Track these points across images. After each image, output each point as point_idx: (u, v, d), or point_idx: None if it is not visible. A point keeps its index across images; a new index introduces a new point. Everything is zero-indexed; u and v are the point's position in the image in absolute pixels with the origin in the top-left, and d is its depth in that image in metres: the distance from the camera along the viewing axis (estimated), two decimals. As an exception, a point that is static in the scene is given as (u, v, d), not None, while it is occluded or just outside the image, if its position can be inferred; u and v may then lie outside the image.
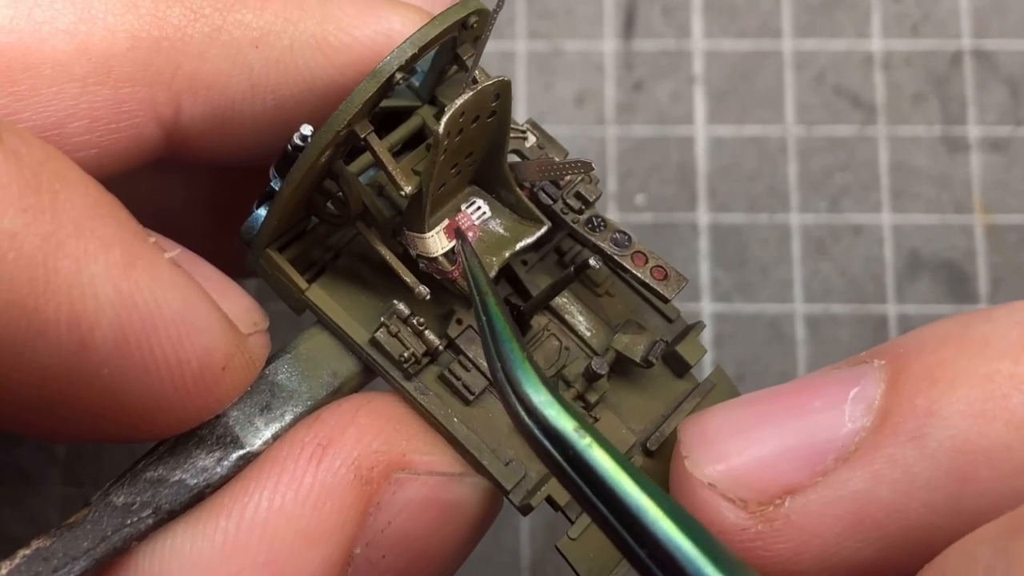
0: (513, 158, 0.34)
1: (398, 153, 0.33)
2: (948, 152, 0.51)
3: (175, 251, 0.28)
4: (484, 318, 0.28)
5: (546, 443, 0.25)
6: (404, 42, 0.29)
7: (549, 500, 0.31)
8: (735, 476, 0.29)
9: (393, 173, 0.30)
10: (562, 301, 0.34)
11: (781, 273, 0.50)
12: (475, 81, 0.31)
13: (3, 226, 0.24)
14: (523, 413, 0.25)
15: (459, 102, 0.29)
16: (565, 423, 0.25)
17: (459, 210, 0.33)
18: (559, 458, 0.25)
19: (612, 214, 0.51)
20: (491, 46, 0.33)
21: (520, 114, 0.34)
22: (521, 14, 0.53)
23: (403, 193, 0.30)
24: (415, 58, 0.30)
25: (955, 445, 0.27)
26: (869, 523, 0.27)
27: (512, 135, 0.33)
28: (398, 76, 0.29)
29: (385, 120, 0.33)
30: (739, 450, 0.29)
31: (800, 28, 0.53)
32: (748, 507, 0.28)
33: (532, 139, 0.35)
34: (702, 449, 0.29)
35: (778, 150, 0.51)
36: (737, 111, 0.52)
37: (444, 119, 0.29)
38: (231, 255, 0.34)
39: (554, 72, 0.52)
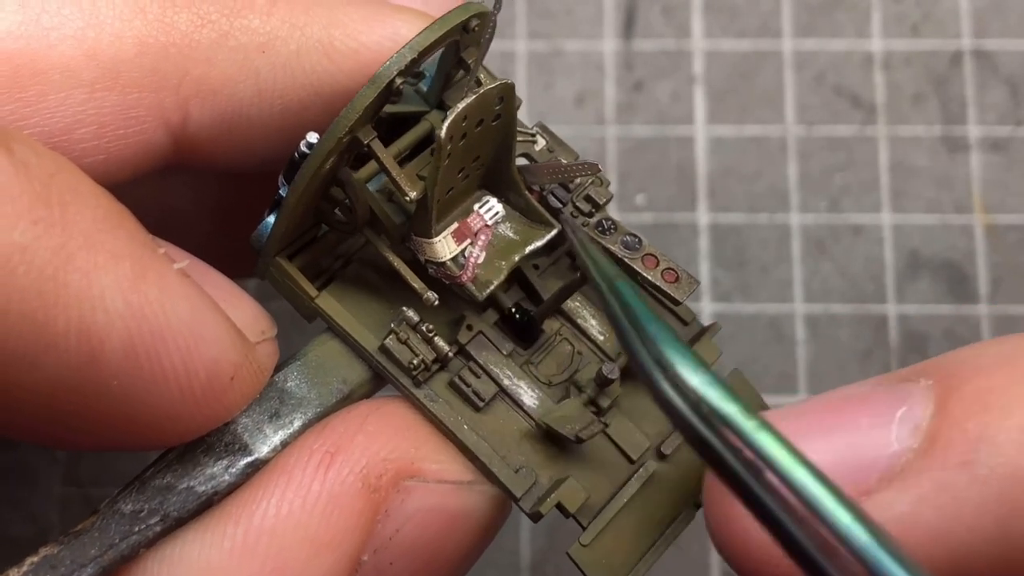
0: (522, 161, 0.34)
1: (408, 158, 0.33)
2: (948, 152, 0.51)
3: (184, 262, 0.28)
4: (616, 301, 0.26)
5: (703, 429, 0.23)
6: (403, 47, 0.29)
7: (559, 507, 0.31)
8: None
9: (397, 179, 0.30)
10: (574, 305, 0.34)
11: (781, 273, 0.50)
12: (479, 84, 0.31)
13: (13, 239, 0.24)
14: (676, 398, 0.23)
15: (460, 106, 0.29)
16: (730, 406, 0.23)
17: (471, 212, 0.32)
18: (718, 445, 0.23)
19: (612, 214, 0.51)
20: (491, 46, 0.33)
21: (520, 114, 0.33)
22: (521, 14, 0.53)
23: (407, 199, 0.30)
24: (415, 63, 0.29)
25: (1007, 472, 0.26)
26: (913, 547, 0.27)
27: (521, 138, 0.33)
28: (399, 81, 0.29)
29: (395, 126, 0.33)
30: None
31: (800, 28, 0.53)
32: None
33: (542, 142, 0.35)
34: None
35: (778, 150, 0.51)
36: (737, 111, 0.52)
37: (446, 124, 0.29)
38: (236, 257, 0.34)
39: (554, 72, 0.52)
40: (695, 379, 0.23)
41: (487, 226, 0.32)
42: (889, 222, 0.51)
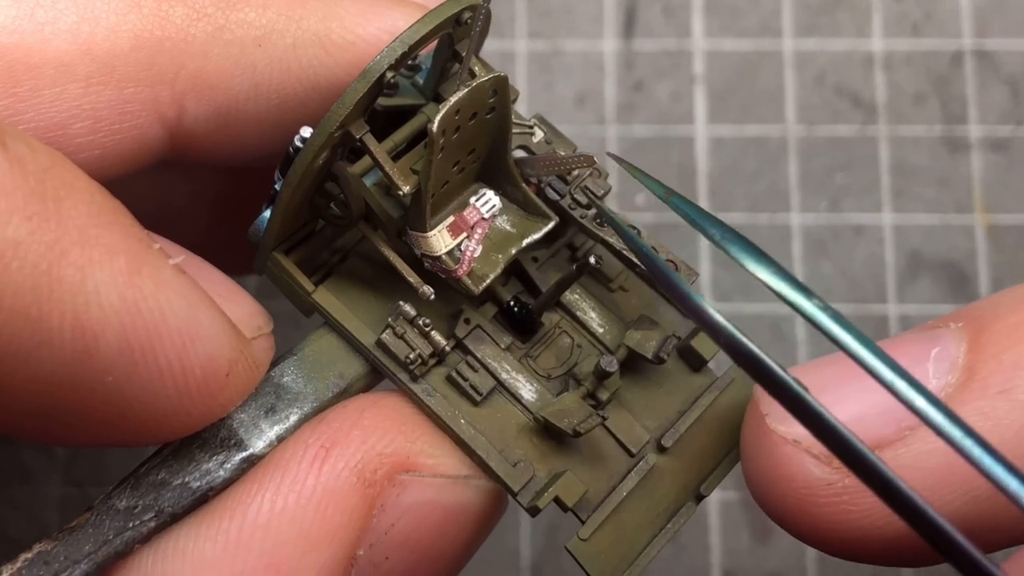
0: (520, 154, 0.34)
1: (404, 151, 0.33)
2: (949, 152, 0.51)
3: (180, 257, 0.28)
4: (649, 259, 0.29)
5: (728, 327, 0.26)
6: (394, 40, 0.29)
7: (557, 501, 0.31)
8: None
9: (390, 173, 0.30)
10: (574, 297, 0.34)
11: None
12: (472, 76, 0.31)
13: (7, 235, 0.24)
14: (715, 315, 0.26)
15: (452, 100, 0.29)
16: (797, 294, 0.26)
17: (467, 205, 0.32)
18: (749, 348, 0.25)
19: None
20: (491, 46, 0.33)
21: (520, 114, 0.33)
22: (521, 14, 0.53)
23: (401, 192, 0.30)
24: (406, 56, 0.29)
25: None
26: (957, 476, 0.28)
27: (519, 131, 0.33)
28: (390, 75, 0.29)
29: (392, 119, 0.33)
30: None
31: (801, 28, 0.53)
32: (833, 462, 0.29)
33: (540, 134, 0.34)
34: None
35: (778, 150, 0.51)
36: (737, 111, 0.52)
37: (437, 117, 0.29)
38: (234, 252, 0.34)
39: (554, 72, 0.52)
40: (763, 272, 0.27)
41: (483, 219, 0.32)
42: (890, 222, 0.51)
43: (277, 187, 0.31)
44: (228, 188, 0.38)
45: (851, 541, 0.29)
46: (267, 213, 0.32)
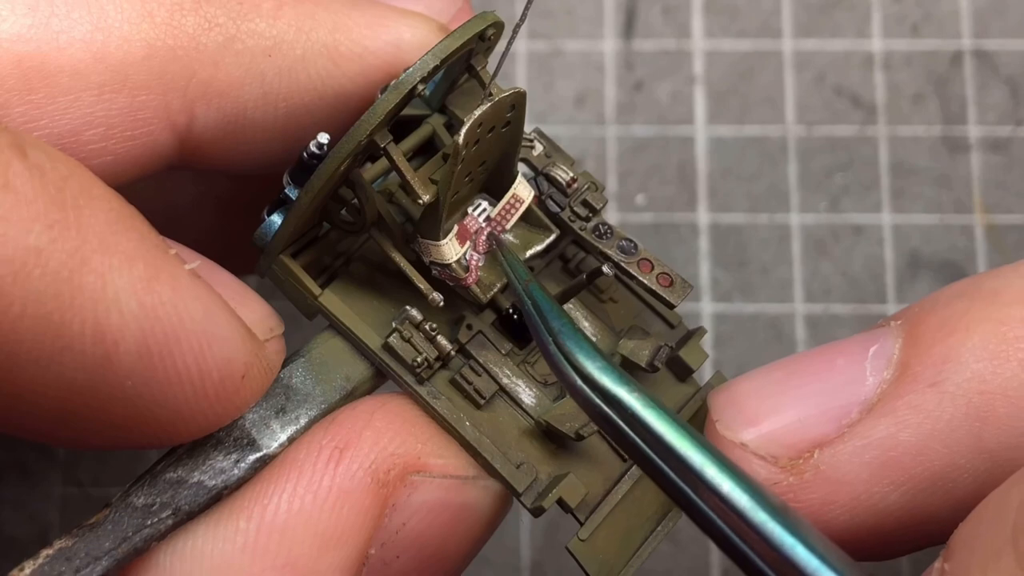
0: (521, 167, 0.34)
1: (408, 161, 0.33)
2: (948, 152, 0.52)
3: (196, 262, 0.29)
4: (530, 300, 0.30)
5: (603, 406, 0.27)
6: (427, 54, 0.30)
7: (560, 502, 0.31)
8: (765, 435, 0.30)
9: (412, 182, 0.30)
10: (568, 307, 0.35)
11: (781, 273, 0.50)
12: (491, 93, 0.32)
13: (29, 242, 0.24)
14: (579, 381, 0.27)
15: (477, 113, 0.29)
16: (621, 388, 0.27)
17: (466, 215, 0.33)
18: (616, 419, 0.26)
19: (612, 214, 0.51)
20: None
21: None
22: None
23: (421, 202, 0.31)
24: (437, 69, 0.30)
25: (972, 387, 0.29)
26: (895, 467, 0.29)
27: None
28: (421, 88, 0.30)
29: (394, 128, 0.33)
30: (768, 411, 0.31)
31: (800, 28, 0.53)
32: (779, 462, 0.30)
33: (539, 147, 0.35)
34: (732, 413, 0.31)
35: (778, 150, 0.51)
36: (737, 111, 0.52)
37: (464, 130, 0.29)
38: (234, 252, 0.34)
39: (554, 72, 0.52)
40: (594, 365, 0.27)
41: (482, 227, 0.33)
42: (889, 222, 0.51)
43: (288, 192, 0.32)
44: (232, 190, 0.38)
45: None
46: (274, 218, 0.32)
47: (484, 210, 0.33)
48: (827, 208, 0.51)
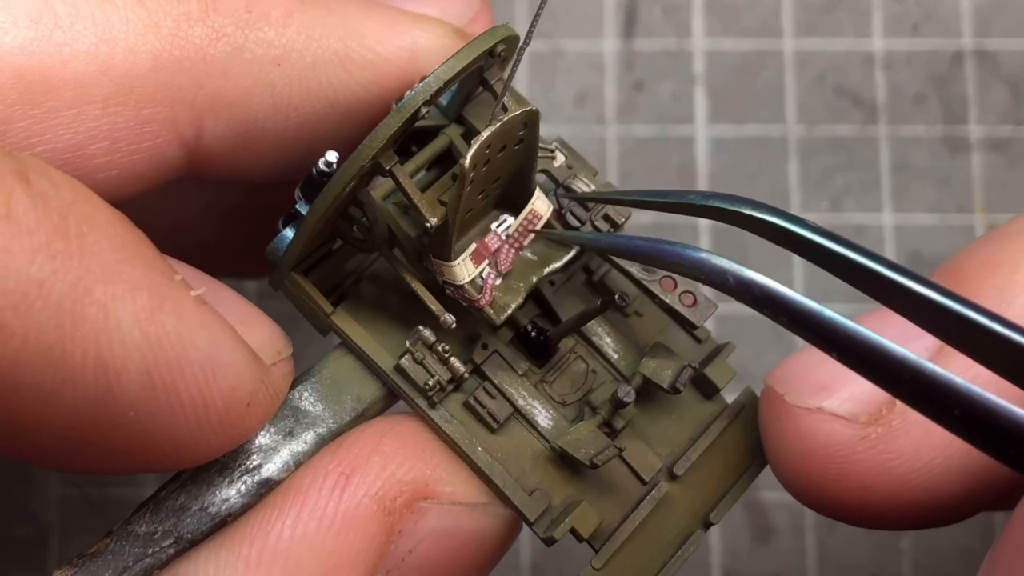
0: (541, 178, 0.33)
1: (427, 170, 0.33)
2: (949, 152, 0.51)
3: (202, 288, 0.28)
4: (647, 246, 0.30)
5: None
6: (429, 76, 0.29)
7: (573, 532, 0.31)
8: (843, 397, 0.30)
9: (419, 205, 0.30)
10: (590, 324, 0.34)
11: (781, 273, 0.50)
12: (504, 109, 0.31)
13: (31, 274, 0.24)
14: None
15: (485, 135, 0.28)
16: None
17: (488, 231, 0.32)
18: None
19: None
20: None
21: (543, 137, 0.33)
22: (521, 14, 0.53)
23: (428, 225, 0.30)
24: (441, 91, 0.29)
25: None
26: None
27: (541, 155, 0.33)
28: (424, 111, 0.29)
29: (412, 137, 0.33)
30: (838, 374, 0.30)
31: (801, 28, 0.53)
32: (860, 419, 0.29)
33: (561, 158, 0.34)
34: (800, 384, 0.31)
35: (779, 150, 0.51)
36: (738, 111, 0.52)
37: (470, 153, 0.28)
38: (243, 257, 0.33)
39: (554, 72, 0.52)
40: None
41: (504, 243, 0.32)
42: (890, 222, 0.51)
43: (299, 207, 0.31)
44: (241, 198, 0.38)
45: (893, 496, 0.29)
46: (287, 232, 0.31)
47: (509, 226, 0.32)
48: (828, 208, 0.51)
